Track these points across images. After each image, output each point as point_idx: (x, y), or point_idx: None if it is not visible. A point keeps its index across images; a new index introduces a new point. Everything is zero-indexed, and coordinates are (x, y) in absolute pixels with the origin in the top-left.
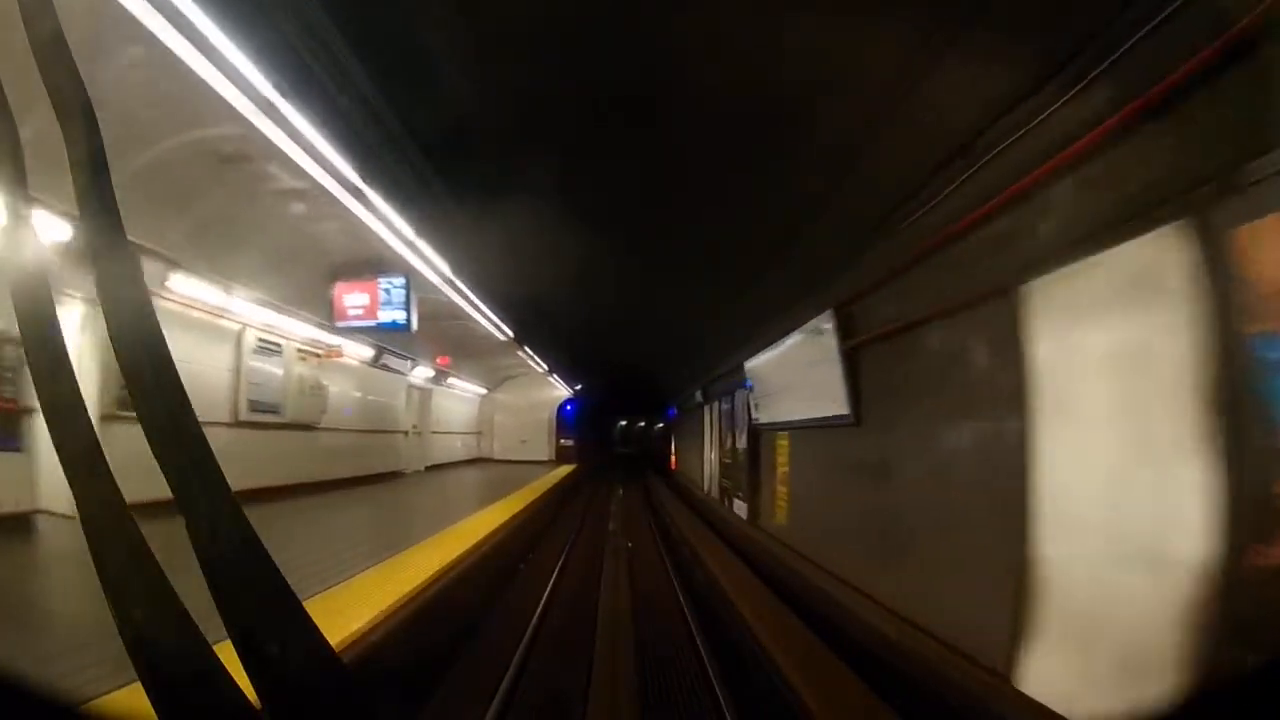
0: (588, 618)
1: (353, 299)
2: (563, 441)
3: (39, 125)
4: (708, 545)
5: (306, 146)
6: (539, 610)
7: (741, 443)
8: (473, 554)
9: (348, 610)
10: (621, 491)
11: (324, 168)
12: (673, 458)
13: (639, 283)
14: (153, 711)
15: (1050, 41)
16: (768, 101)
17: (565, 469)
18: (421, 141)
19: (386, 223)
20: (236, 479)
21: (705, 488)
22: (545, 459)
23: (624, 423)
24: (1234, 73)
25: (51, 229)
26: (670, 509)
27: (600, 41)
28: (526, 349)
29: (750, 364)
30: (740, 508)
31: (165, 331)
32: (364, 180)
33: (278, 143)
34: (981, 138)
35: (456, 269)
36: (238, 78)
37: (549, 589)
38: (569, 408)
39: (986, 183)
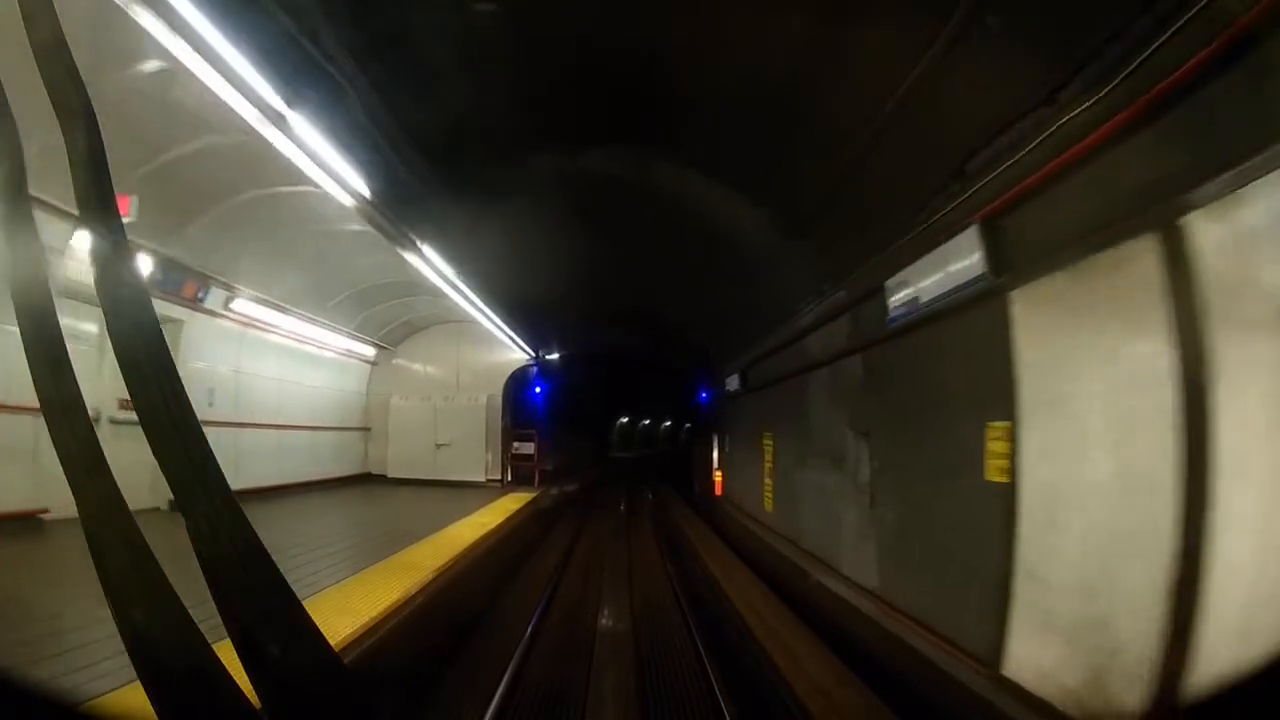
0: None
1: None
2: (519, 446)
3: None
4: None
5: None
6: None
7: None
8: None
9: None
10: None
11: None
12: (715, 476)
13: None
14: (153, 711)
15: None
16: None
17: (518, 501)
18: None
19: None
20: None
21: None
22: (483, 479)
23: (625, 419)
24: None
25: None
26: None
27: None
28: (437, 259)
29: None
30: None
31: None
32: None
33: None
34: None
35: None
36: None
37: None
38: (538, 389)
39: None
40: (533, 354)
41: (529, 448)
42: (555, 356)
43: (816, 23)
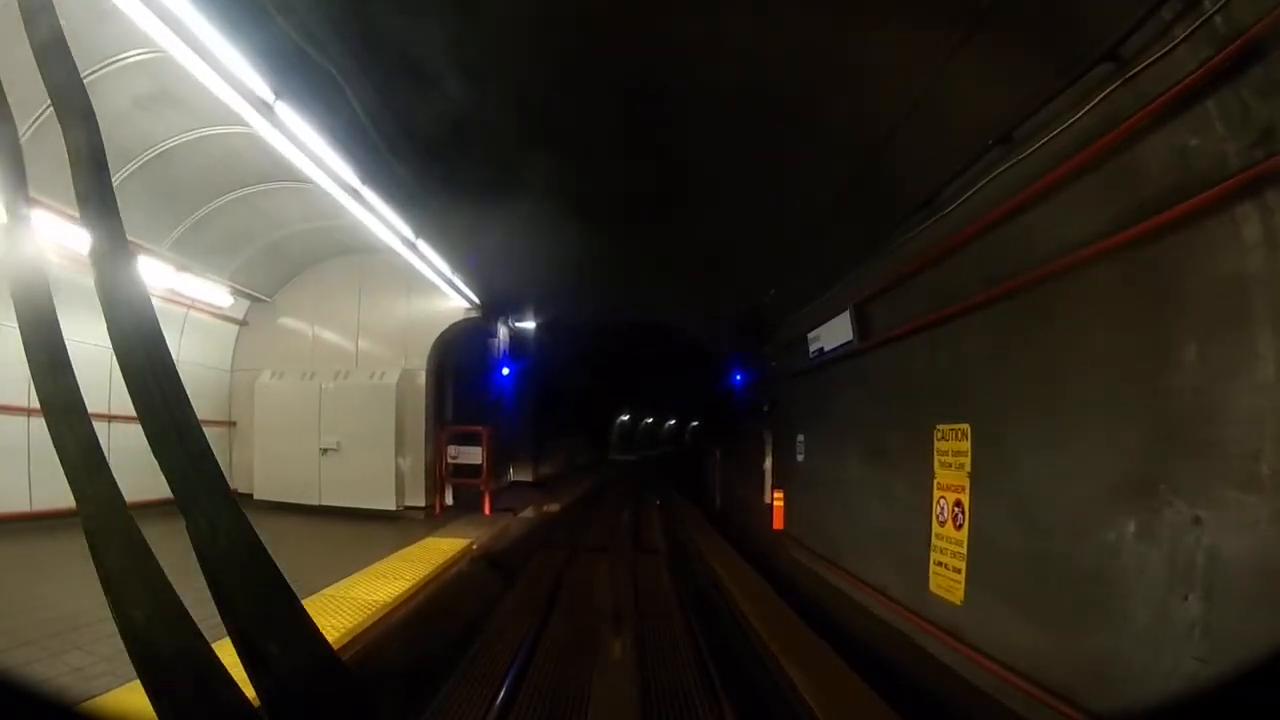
0: None
1: None
2: (459, 453)
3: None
4: None
5: None
6: None
7: None
8: None
9: None
10: None
11: None
12: (774, 499)
13: None
14: (152, 711)
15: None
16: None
17: (441, 553)
18: None
19: None
20: None
21: None
22: (393, 506)
23: (626, 417)
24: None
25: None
26: None
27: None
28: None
29: None
30: None
31: None
32: None
33: None
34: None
35: None
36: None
37: None
38: (507, 370)
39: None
40: (477, 302)
41: (474, 454)
42: (531, 325)
43: None
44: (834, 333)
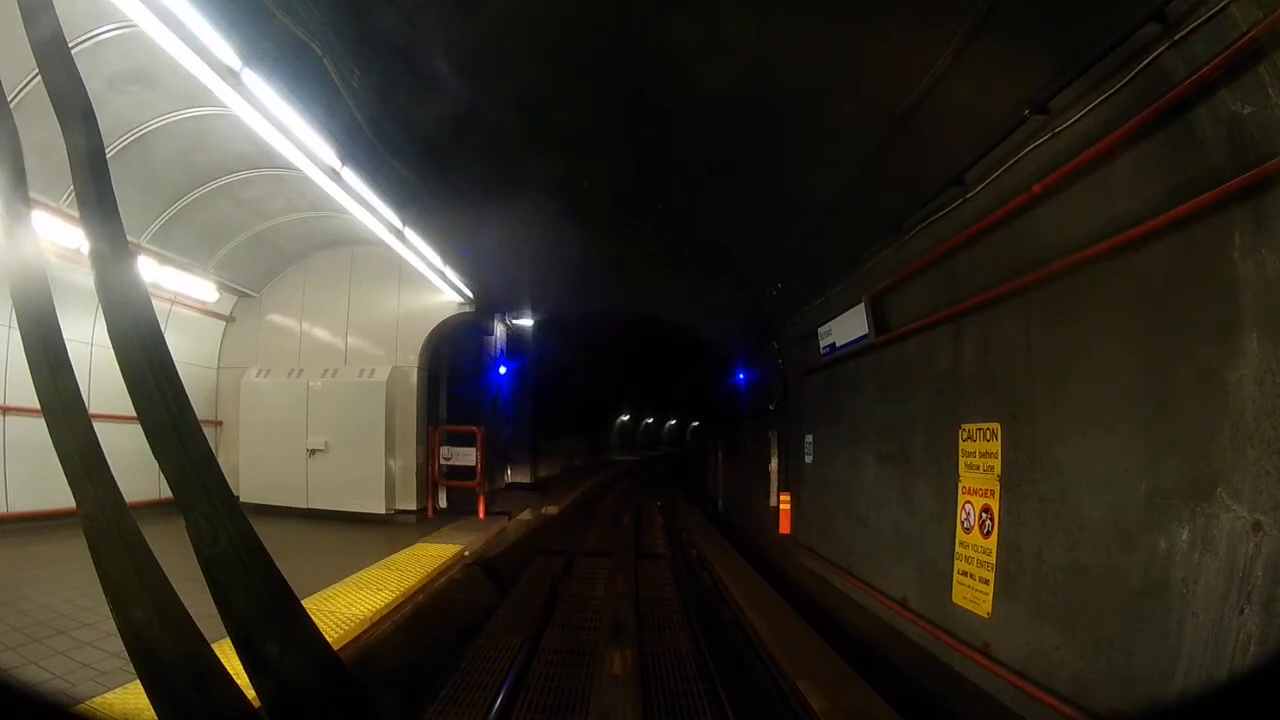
0: None
1: None
2: (452, 454)
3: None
4: None
5: None
6: None
7: None
8: None
9: None
10: None
11: None
12: (781, 501)
13: None
14: (152, 711)
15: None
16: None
17: (429, 560)
18: None
19: None
20: None
21: None
22: (383, 510)
23: (627, 417)
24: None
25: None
26: None
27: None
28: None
29: None
30: None
31: None
32: None
33: None
34: None
35: None
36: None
37: None
38: (504, 369)
39: None
40: (470, 297)
41: (468, 455)
42: (529, 323)
43: None
44: (847, 327)
